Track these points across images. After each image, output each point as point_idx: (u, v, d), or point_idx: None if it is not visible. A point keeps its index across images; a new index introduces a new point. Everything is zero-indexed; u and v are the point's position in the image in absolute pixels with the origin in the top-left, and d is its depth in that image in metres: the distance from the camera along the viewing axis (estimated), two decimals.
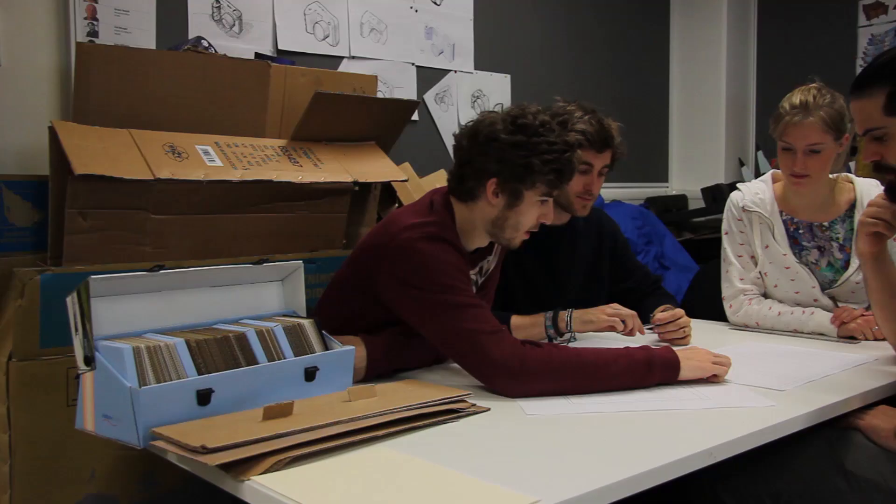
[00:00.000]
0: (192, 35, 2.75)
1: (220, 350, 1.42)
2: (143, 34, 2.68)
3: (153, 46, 2.67)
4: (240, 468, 1.13)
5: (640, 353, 1.62)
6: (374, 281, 1.69)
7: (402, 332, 1.77)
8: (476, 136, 1.73)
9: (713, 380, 1.66)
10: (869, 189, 2.23)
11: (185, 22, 2.81)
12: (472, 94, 3.75)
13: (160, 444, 1.25)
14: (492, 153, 1.70)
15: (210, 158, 2.10)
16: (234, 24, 2.93)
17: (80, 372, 1.35)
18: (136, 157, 1.98)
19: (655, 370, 1.60)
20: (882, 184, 1.77)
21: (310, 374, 1.50)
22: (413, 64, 3.52)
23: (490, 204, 1.74)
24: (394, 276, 1.65)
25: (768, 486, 1.57)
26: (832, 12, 4.48)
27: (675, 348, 1.69)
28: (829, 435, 1.58)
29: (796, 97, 2.14)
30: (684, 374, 1.64)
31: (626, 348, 1.64)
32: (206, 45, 2.46)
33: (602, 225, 2.37)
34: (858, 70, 1.75)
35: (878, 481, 1.48)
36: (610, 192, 4.19)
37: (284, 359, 1.49)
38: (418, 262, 1.63)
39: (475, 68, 3.77)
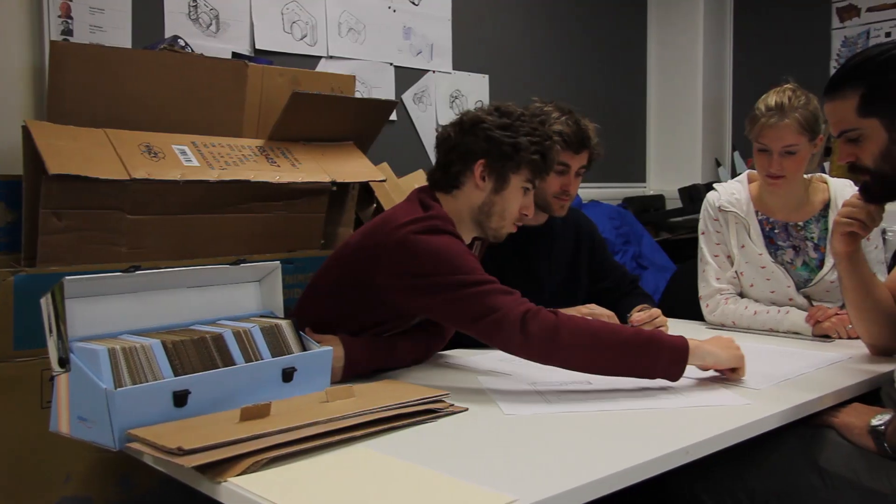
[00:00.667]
0: (168, 34, 2.73)
1: (196, 351, 1.41)
2: (118, 33, 2.66)
3: (129, 45, 2.65)
4: (217, 469, 1.12)
5: (650, 333, 1.63)
6: (372, 280, 1.68)
7: (381, 334, 1.77)
8: (462, 124, 1.79)
9: (730, 376, 1.65)
10: (843, 189, 2.26)
11: (162, 21, 2.79)
12: (450, 95, 3.76)
13: (136, 445, 1.24)
14: (479, 134, 1.75)
15: (187, 158, 2.09)
16: (210, 24, 2.91)
17: (54, 374, 1.33)
18: (111, 157, 1.96)
19: (664, 346, 1.59)
20: (856, 184, 1.79)
21: (287, 374, 1.49)
22: (391, 64, 3.52)
23: (477, 187, 1.77)
24: (400, 270, 1.65)
25: (744, 483, 1.58)
26: (807, 14, 4.53)
27: (705, 337, 1.68)
28: (804, 432, 1.60)
29: (772, 98, 2.16)
30: (721, 359, 1.63)
31: (637, 329, 1.70)
32: (183, 44, 2.44)
33: (580, 225, 2.38)
34: (832, 71, 1.77)
35: (852, 478, 1.50)
36: (588, 192, 4.21)
37: (262, 360, 1.48)
38: (425, 252, 1.63)
39: (453, 68, 3.77)
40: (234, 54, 2.89)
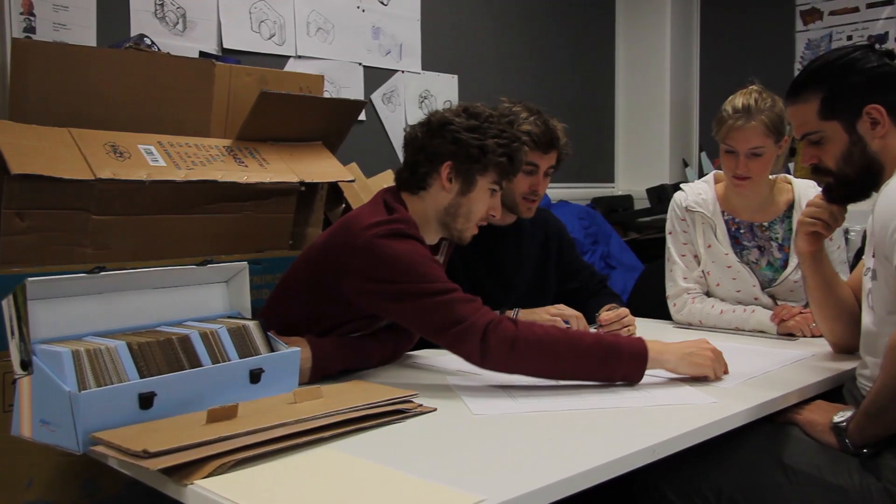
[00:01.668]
0: (134, 33, 2.70)
1: (162, 353, 1.39)
2: (83, 31, 2.63)
3: (94, 44, 2.63)
4: (183, 472, 1.11)
5: (610, 339, 1.66)
6: (338, 282, 1.68)
7: (349, 334, 1.76)
8: (429, 125, 1.78)
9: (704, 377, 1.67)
10: (806, 190, 2.29)
11: (127, 19, 2.76)
12: (419, 95, 3.76)
13: (100, 449, 1.22)
14: (447, 136, 1.74)
15: (153, 158, 2.07)
16: (177, 22, 2.89)
17: (16, 377, 1.31)
18: (75, 157, 1.94)
19: (623, 352, 1.60)
20: (819, 185, 1.81)
21: (255, 375, 1.48)
22: (360, 64, 3.51)
23: (443, 189, 1.77)
24: (365, 275, 1.65)
25: (710, 481, 1.60)
26: (771, 17, 4.59)
27: (681, 340, 1.70)
28: (769, 430, 1.62)
29: (738, 100, 2.18)
30: (680, 367, 1.65)
31: (598, 335, 1.69)
32: (149, 43, 2.42)
33: (548, 225, 2.39)
34: (797, 73, 1.80)
35: (815, 474, 1.52)
36: (557, 192, 4.23)
37: (229, 361, 1.47)
38: (390, 258, 1.63)
39: (422, 69, 3.77)
40: (202, 53, 2.87)
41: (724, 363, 1.69)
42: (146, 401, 1.31)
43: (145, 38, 2.43)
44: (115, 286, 1.47)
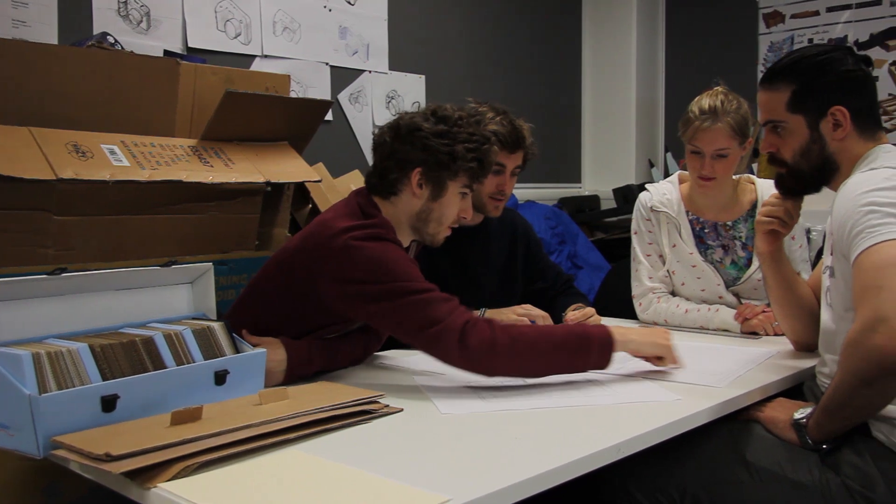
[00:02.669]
0: (97, 31, 2.67)
1: (125, 355, 1.38)
2: (44, 28, 2.59)
3: (55, 42, 2.59)
4: (146, 475, 1.10)
5: (578, 328, 1.68)
6: (313, 285, 1.67)
7: (322, 336, 1.75)
8: (398, 129, 1.76)
9: (656, 363, 1.70)
10: (769, 189, 2.32)
11: (90, 17, 2.73)
12: (386, 95, 3.75)
13: (62, 453, 1.21)
14: (416, 143, 1.73)
15: (116, 158, 2.05)
16: (141, 21, 2.86)
17: None
18: (36, 156, 1.91)
19: (593, 340, 1.62)
20: (774, 176, 1.84)
21: (220, 377, 1.47)
22: (327, 64, 3.50)
23: (414, 195, 1.76)
24: (340, 277, 1.63)
25: (675, 479, 1.61)
26: (735, 20, 4.65)
27: (632, 326, 1.73)
28: (732, 427, 1.64)
29: (705, 102, 2.21)
30: (643, 347, 1.68)
31: (567, 327, 1.71)
32: (112, 41, 2.39)
33: (515, 225, 2.40)
34: (760, 75, 1.83)
35: (776, 470, 1.54)
36: (524, 192, 4.25)
37: (193, 362, 1.46)
38: (367, 259, 1.62)
39: (390, 69, 3.77)
40: (166, 52, 2.85)
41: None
42: (109, 403, 1.30)
43: (108, 37, 2.40)
44: (77, 288, 1.45)
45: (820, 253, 2.71)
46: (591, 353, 1.61)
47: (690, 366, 1.79)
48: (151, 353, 1.42)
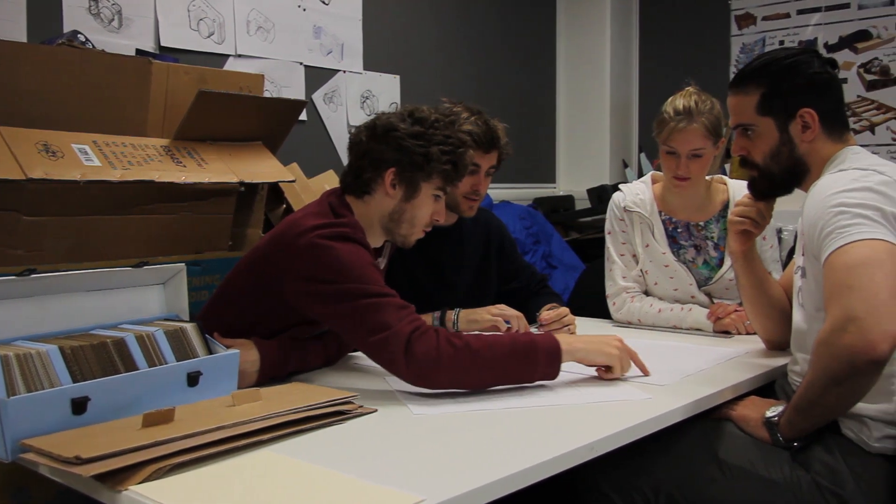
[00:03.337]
0: (67, 29, 2.64)
1: (96, 356, 1.37)
2: (11, 26, 2.56)
3: (24, 40, 2.55)
4: (117, 478, 1.09)
5: (524, 338, 1.63)
6: (278, 283, 1.66)
7: (295, 336, 1.74)
8: (374, 129, 1.76)
9: (604, 375, 1.67)
10: (741, 189, 2.33)
11: (60, 15, 2.70)
12: (361, 95, 3.74)
13: (31, 456, 1.19)
14: (391, 142, 1.73)
15: (87, 158, 2.02)
16: (113, 19, 2.83)
17: None
18: (5, 156, 1.89)
19: (539, 350, 1.60)
20: (745, 178, 1.86)
21: (192, 379, 1.46)
22: (301, 63, 3.49)
23: (387, 195, 1.75)
24: (303, 275, 1.62)
25: (648, 477, 1.63)
26: (708, 21, 4.70)
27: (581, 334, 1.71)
28: (704, 426, 1.65)
29: (679, 102, 2.22)
30: (590, 355, 1.65)
31: (512, 336, 1.65)
32: (83, 39, 2.37)
33: (489, 225, 2.40)
34: (732, 76, 1.85)
35: (748, 468, 1.56)
36: (499, 192, 4.26)
37: (166, 364, 1.45)
38: (330, 259, 1.61)
39: (364, 69, 3.76)
40: (138, 51, 2.82)
41: (631, 362, 1.69)
42: (79, 406, 1.28)
43: (79, 35, 2.38)
44: (47, 289, 1.44)
45: (791, 253, 2.75)
46: (539, 363, 1.58)
47: (646, 364, 1.81)
48: (123, 354, 1.41)
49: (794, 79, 1.68)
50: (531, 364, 1.58)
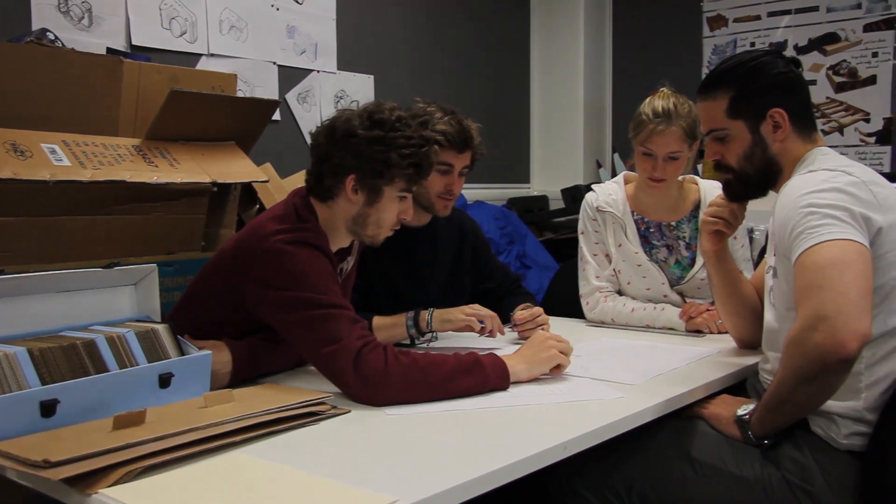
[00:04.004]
0: (35, 27, 2.60)
1: (66, 358, 1.35)
2: None
3: None
4: (87, 481, 1.08)
5: (469, 357, 1.61)
6: (240, 286, 1.64)
7: (266, 338, 1.73)
8: (333, 133, 1.71)
9: (555, 372, 1.69)
10: (712, 189, 2.36)
11: (28, 12, 2.66)
12: (335, 95, 3.73)
13: None
14: (349, 149, 1.68)
15: (57, 157, 2.00)
16: (83, 17, 2.80)
17: None
18: None
19: (485, 365, 1.59)
20: (720, 182, 1.88)
21: (164, 380, 1.45)
22: (275, 63, 3.47)
23: (350, 201, 1.72)
24: (262, 280, 1.61)
25: (621, 476, 1.64)
26: (680, 24, 4.73)
27: (522, 342, 1.72)
28: (676, 424, 1.66)
29: (658, 104, 2.22)
30: (534, 371, 1.66)
31: (456, 354, 1.61)
32: (52, 37, 2.34)
33: (463, 225, 2.40)
34: (704, 76, 1.87)
35: (719, 466, 1.57)
36: (473, 192, 4.26)
37: (137, 365, 1.43)
38: (289, 265, 1.60)
39: (338, 69, 3.75)
40: (109, 50, 2.79)
41: (564, 341, 1.71)
42: (48, 408, 1.27)
43: (48, 33, 2.35)
44: (16, 290, 1.42)
45: (763, 252, 2.77)
46: (488, 375, 1.58)
47: (616, 364, 1.82)
48: (93, 356, 1.39)
49: (761, 80, 1.70)
50: (480, 379, 1.57)
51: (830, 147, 1.74)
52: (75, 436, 1.23)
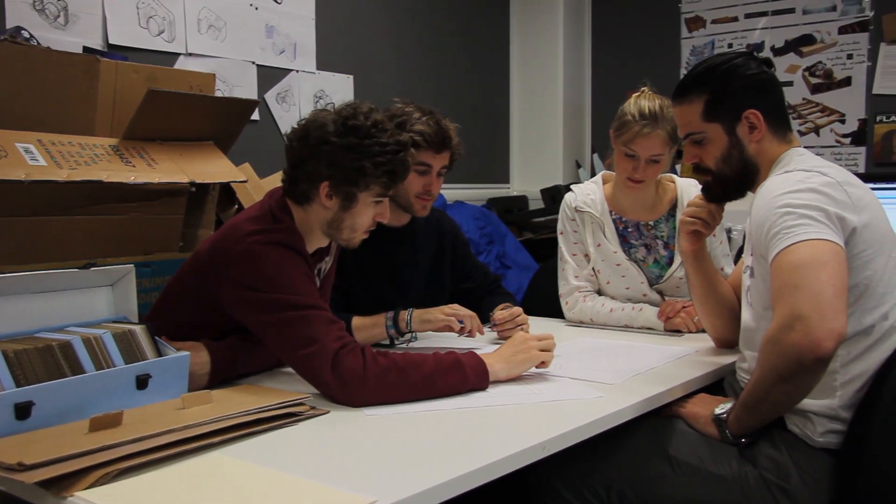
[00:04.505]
0: (10, 25, 2.57)
1: (41, 360, 1.34)
2: None
3: None
4: (62, 484, 1.07)
5: (449, 356, 1.61)
6: (216, 287, 1.63)
7: (244, 338, 1.73)
8: (307, 139, 1.69)
9: (541, 367, 1.70)
10: (688, 188, 2.37)
11: (2, 10, 2.63)
12: (314, 95, 3.72)
13: None
14: (322, 157, 1.66)
15: (32, 157, 1.98)
16: (58, 15, 2.77)
17: None
18: None
19: (465, 365, 1.59)
20: (700, 184, 1.89)
21: (142, 381, 1.44)
22: (253, 63, 3.45)
23: (324, 206, 1.71)
24: (237, 281, 1.60)
25: (601, 475, 1.64)
26: (659, 25, 4.76)
27: (501, 342, 1.72)
28: (655, 423, 1.67)
29: (644, 105, 2.22)
30: (513, 371, 1.66)
31: (436, 353, 1.61)
32: (27, 36, 2.31)
33: (442, 225, 2.40)
34: (682, 77, 1.88)
35: (698, 465, 1.58)
36: (453, 192, 4.26)
37: (114, 367, 1.42)
38: (263, 266, 1.59)
39: (317, 68, 3.73)
40: (86, 49, 2.76)
41: (547, 338, 1.72)
42: (23, 411, 1.26)
43: (23, 31, 2.32)
44: None
45: (741, 252, 2.79)
46: (467, 374, 1.58)
47: (595, 364, 1.83)
48: (69, 357, 1.38)
49: (735, 82, 1.71)
50: (459, 378, 1.57)
51: (807, 148, 1.75)
52: (51, 438, 1.22)
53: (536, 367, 1.70)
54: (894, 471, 1.49)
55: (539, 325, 2.28)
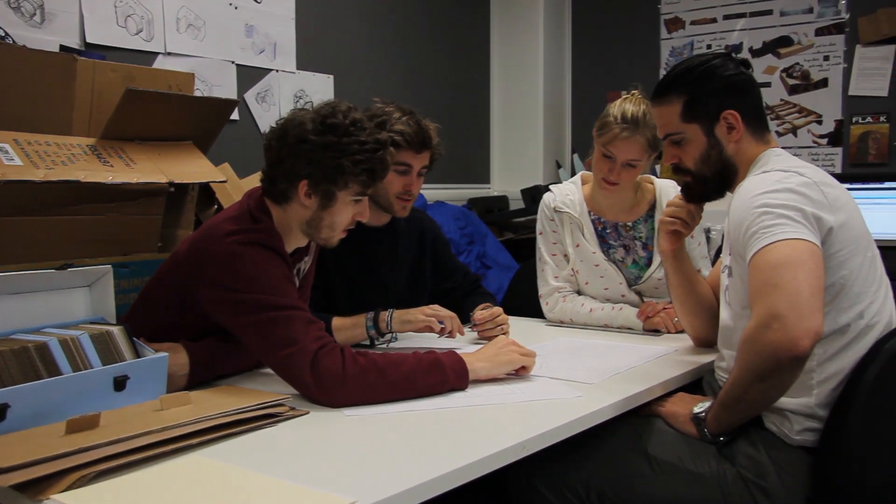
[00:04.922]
0: None
1: (17, 362, 1.32)
2: None
3: None
4: (38, 487, 1.06)
5: (429, 356, 1.61)
6: (194, 288, 1.62)
7: (223, 339, 1.72)
8: (285, 137, 1.68)
9: (521, 372, 1.70)
10: (667, 189, 2.39)
11: None
12: (294, 95, 3.71)
13: None
14: (301, 155, 1.66)
15: (8, 157, 1.96)
16: (34, 14, 2.74)
17: None
18: None
19: (445, 365, 1.59)
20: (679, 184, 1.90)
21: (119, 383, 1.43)
22: (233, 62, 3.43)
23: (303, 205, 1.70)
24: (216, 282, 1.59)
25: (580, 474, 1.65)
26: (638, 25, 4.79)
27: (481, 342, 1.71)
28: (634, 422, 1.68)
29: (628, 109, 2.21)
30: (494, 371, 1.67)
31: (415, 353, 1.61)
32: (3, 34, 2.29)
33: (423, 225, 2.40)
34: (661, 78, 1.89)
35: (677, 463, 1.59)
36: (433, 192, 4.26)
37: (91, 368, 1.41)
38: (241, 267, 1.58)
39: (297, 68, 3.72)
40: (63, 47, 2.74)
41: (529, 353, 1.72)
42: None
43: None
44: None
45: (720, 252, 2.81)
46: (447, 374, 1.58)
47: (575, 363, 1.83)
48: (46, 359, 1.36)
49: (713, 83, 1.72)
50: (439, 378, 1.57)
51: (785, 148, 1.77)
52: (26, 441, 1.20)
53: (516, 373, 1.70)
54: (870, 468, 1.51)
55: (519, 326, 2.28)
